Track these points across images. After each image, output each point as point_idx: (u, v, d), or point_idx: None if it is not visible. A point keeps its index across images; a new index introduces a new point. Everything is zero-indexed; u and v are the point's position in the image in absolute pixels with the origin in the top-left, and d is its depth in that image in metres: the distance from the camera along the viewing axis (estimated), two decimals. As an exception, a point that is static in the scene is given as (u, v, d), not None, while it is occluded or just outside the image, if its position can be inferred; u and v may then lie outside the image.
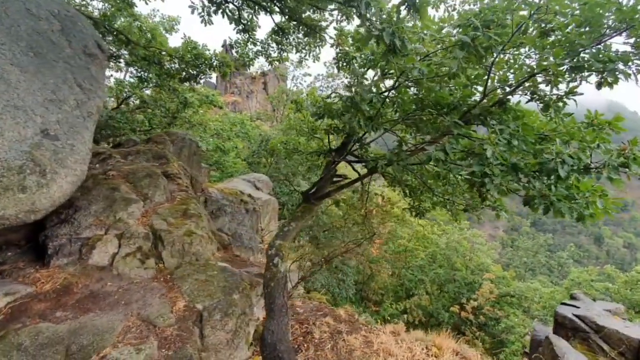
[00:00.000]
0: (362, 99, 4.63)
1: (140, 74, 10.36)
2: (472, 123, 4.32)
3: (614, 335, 6.21)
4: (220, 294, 3.98)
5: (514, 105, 4.53)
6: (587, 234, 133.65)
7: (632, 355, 5.95)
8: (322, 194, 5.34)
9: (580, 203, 3.27)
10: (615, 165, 3.29)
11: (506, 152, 3.49)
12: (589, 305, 7.38)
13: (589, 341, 6.38)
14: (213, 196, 8.42)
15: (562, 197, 3.26)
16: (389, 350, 4.30)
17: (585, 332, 6.50)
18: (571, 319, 6.77)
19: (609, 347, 6.17)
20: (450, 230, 27.88)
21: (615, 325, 6.37)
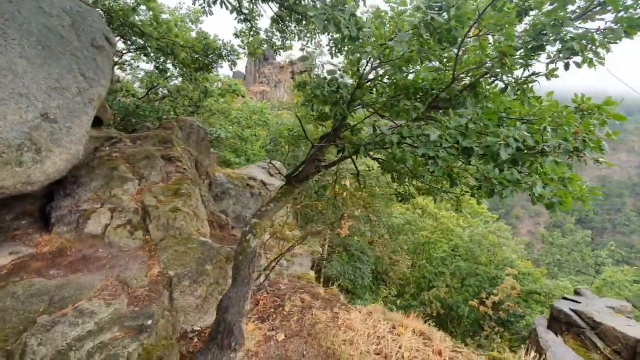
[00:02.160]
0: (339, 85, 4.77)
1: (159, 65, 11.05)
2: (443, 107, 4.29)
3: (610, 332, 5.92)
4: (194, 264, 4.39)
5: (490, 89, 4.44)
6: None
7: (629, 354, 5.66)
8: (302, 177, 5.56)
9: (524, 187, 3.21)
10: (568, 149, 3.19)
11: (458, 135, 3.49)
12: (591, 302, 7.01)
13: (583, 337, 6.13)
14: (218, 180, 8.94)
15: (505, 180, 3.22)
16: (352, 325, 4.50)
17: (580, 328, 6.24)
18: (567, 313, 6.51)
19: (603, 345, 5.90)
20: (475, 224, 26.99)
21: (613, 323, 6.05)
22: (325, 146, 5.77)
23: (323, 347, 4.09)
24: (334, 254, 19.92)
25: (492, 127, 3.50)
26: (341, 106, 4.50)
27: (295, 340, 4.23)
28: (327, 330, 4.40)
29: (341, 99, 4.55)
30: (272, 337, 4.24)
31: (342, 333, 4.35)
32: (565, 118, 3.60)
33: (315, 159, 5.70)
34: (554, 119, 3.83)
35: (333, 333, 4.34)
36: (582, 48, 3.44)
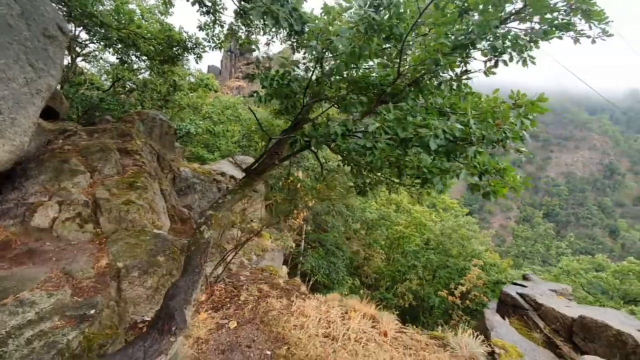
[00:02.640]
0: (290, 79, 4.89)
1: (121, 57, 10.73)
2: (389, 101, 4.50)
3: (550, 313, 6.41)
4: (144, 256, 4.39)
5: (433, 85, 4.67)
6: (602, 227, 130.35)
7: (566, 332, 6.16)
8: (260, 170, 5.65)
9: (452, 175, 3.45)
10: (491, 139, 3.45)
11: (397, 127, 3.68)
12: (536, 285, 7.55)
13: (526, 318, 6.60)
14: (183, 174, 8.86)
15: (434, 168, 3.45)
16: (305, 312, 4.67)
17: (524, 309, 6.72)
18: (513, 297, 6.98)
19: (544, 324, 6.39)
20: (446, 218, 27.90)
21: (554, 304, 6.56)
22: (285, 139, 5.88)
23: (274, 332, 4.23)
24: (310, 249, 20.12)
25: (429, 119, 3.73)
26: (292, 99, 4.62)
27: (247, 327, 4.34)
28: (279, 317, 4.54)
29: (292, 92, 4.66)
30: (224, 324, 4.33)
31: (294, 319, 4.51)
32: (496, 112, 3.87)
33: (274, 152, 5.80)
34: (490, 112, 4.10)
35: (285, 319, 4.49)
36: (504, 47, 3.72)
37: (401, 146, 3.61)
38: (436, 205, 34.51)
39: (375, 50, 4.61)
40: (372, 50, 4.40)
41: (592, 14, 3.70)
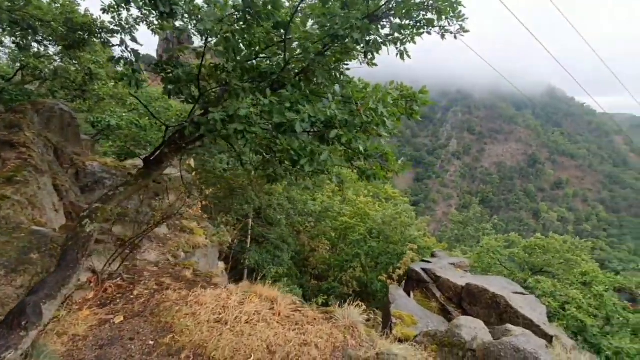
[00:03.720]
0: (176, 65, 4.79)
1: (17, 41, 9.55)
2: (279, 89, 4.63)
3: (446, 283, 7.14)
4: (14, 254, 4.05)
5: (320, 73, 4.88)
6: (527, 210, 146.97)
7: (456, 299, 6.92)
8: (159, 160, 5.47)
9: (318, 158, 3.65)
10: (355, 124, 3.73)
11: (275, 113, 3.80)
12: (440, 261, 8.37)
13: (426, 289, 7.29)
14: (88, 169, 8.23)
15: (301, 151, 3.65)
16: (202, 301, 4.67)
17: (426, 282, 7.41)
18: (417, 272, 7.66)
19: (440, 294, 7.10)
20: (387, 207, 29.21)
21: (449, 276, 7.32)
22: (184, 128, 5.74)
23: (162, 323, 4.17)
24: (258, 244, 19.93)
25: (300, 105, 3.91)
26: (177, 86, 4.54)
27: (135, 320, 4.22)
28: (172, 308, 4.49)
29: (177, 78, 4.59)
30: (109, 320, 4.17)
31: (187, 308, 4.49)
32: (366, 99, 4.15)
33: (173, 141, 5.65)
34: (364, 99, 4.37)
35: (177, 309, 4.45)
36: (377, 41, 4.02)
37: (276, 130, 3.75)
38: (379, 196, 36.00)
39: (263, 39, 4.70)
40: (257, 38, 4.49)
41: (443, 11, 4.14)
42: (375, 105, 3.72)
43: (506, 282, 7.34)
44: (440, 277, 7.23)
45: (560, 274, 17.38)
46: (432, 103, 5.51)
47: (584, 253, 18.72)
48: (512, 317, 5.81)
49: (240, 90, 4.13)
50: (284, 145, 3.54)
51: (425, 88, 5.37)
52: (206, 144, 6.17)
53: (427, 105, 5.62)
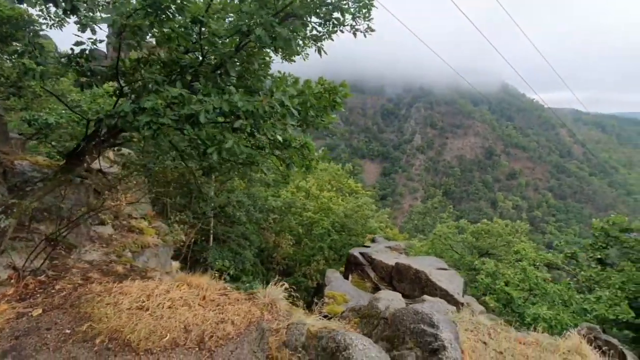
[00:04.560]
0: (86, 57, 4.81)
1: None
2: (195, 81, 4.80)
3: (379, 264, 7.69)
4: None
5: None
6: (486, 199, 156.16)
7: (388, 278, 7.48)
8: (78, 155, 5.45)
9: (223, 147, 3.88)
10: (260, 114, 4.01)
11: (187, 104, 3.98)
12: (378, 245, 8.96)
13: (362, 272, 7.80)
14: (17, 168, 7.86)
15: (207, 140, 3.88)
16: (126, 290, 4.76)
17: (362, 265, 7.92)
18: (355, 256, 8.16)
19: (374, 274, 7.63)
20: (349, 200, 29.85)
21: (383, 258, 7.87)
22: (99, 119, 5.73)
23: (81, 313, 4.24)
24: (217, 242, 19.70)
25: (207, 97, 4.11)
26: (90, 79, 4.58)
27: (54, 312, 4.25)
28: (93, 299, 4.55)
29: (91, 71, 4.62)
30: (27, 313, 4.17)
31: (109, 298, 4.57)
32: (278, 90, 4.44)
33: (95, 136, 5.63)
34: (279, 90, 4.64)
35: (98, 299, 4.52)
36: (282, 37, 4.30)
37: (186, 121, 3.94)
38: (343, 190, 36.71)
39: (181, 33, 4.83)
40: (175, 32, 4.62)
41: (346, 10, 4.54)
42: (280, 97, 4.01)
43: (435, 260, 8.04)
44: (375, 259, 7.77)
45: (502, 254, 18.97)
46: (351, 95, 5.93)
47: (523, 235, 20.52)
48: (431, 289, 6.43)
49: (153, 83, 4.27)
50: (191, 136, 3.75)
51: (344, 82, 5.78)
52: (127, 138, 6.17)
53: (348, 97, 6.04)
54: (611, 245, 12.69)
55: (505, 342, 4.66)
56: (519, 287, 11.34)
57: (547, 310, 9.48)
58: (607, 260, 12.48)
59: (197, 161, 6.48)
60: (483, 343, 4.66)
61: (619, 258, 12.73)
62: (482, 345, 4.62)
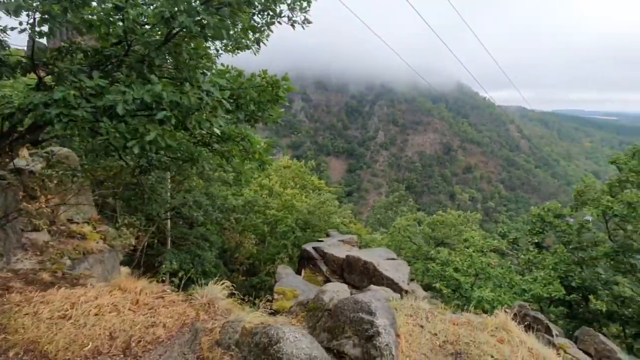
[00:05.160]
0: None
1: None
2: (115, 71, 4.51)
3: (331, 258, 7.77)
4: None
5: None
6: (445, 193, 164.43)
7: (339, 271, 7.58)
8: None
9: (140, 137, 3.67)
10: (187, 105, 3.84)
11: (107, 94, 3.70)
12: (331, 239, 9.07)
13: (314, 266, 7.84)
14: None
15: (126, 133, 3.65)
16: (49, 299, 4.39)
17: (315, 260, 7.97)
18: (309, 251, 8.19)
19: (326, 268, 7.70)
20: (312, 197, 29.96)
21: (335, 251, 7.97)
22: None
23: (-8, 325, 3.83)
24: (175, 245, 18.86)
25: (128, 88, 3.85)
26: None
27: (-41, 327, 3.80)
28: (11, 309, 4.14)
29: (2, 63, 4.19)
30: None
31: (29, 308, 4.18)
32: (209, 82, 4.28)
33: (12, 133, 5.11)
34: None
35: (16, 310, 4.12)
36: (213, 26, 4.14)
37: (104, 114, 3.67)
38: (307, 187, 36.74)
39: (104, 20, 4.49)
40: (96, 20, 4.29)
41: (278, 1, 4.49)
42: (208, 88, 3.87)
43: (384, 251, 8.29)
44: (327, 253, 7.84)
45: (456, 243, 20.06)
46: (294, 89, 5.90)
47: (474, 224, 21.86)
48: (379, 279, 6.62)
49: (68, 73, 3.93)
50: (108, 129, 3.50)
51: (286, 75, 5.72)
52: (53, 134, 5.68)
53: (292, 91, 5.99)
54: (547, 230, 13.89)
55: (441, 324, 4.90)
56: (467, 273, 12.05)
57: (489, 293, 10.16)
58: (543, 244, 13.65)
59: (135, 158, 6.11)
60: (420, 326, 4.87)
61: (553, 241, 13.99)
62: (419, 328, 4.83)
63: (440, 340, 4.57)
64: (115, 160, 9.06)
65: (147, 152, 3.85)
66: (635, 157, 11.95)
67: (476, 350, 4.37)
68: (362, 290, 6.16)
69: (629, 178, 11.67)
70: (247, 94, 5.24)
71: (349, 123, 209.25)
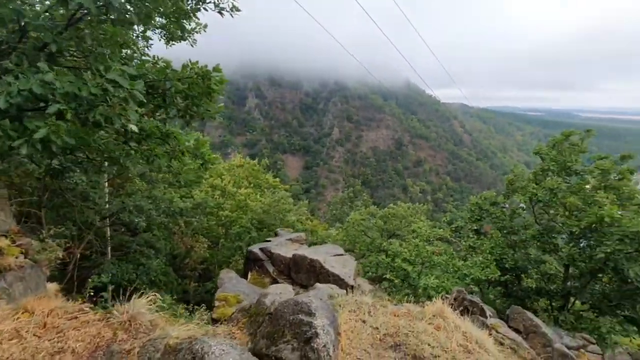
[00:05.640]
0: None
1: None
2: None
3: (278, 258, 7.54)
4: None
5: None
6: (398, 186, 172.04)
7: (287, 270, 7.39)
8: None
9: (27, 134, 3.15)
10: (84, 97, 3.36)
11: None
12: (279, 239, 8.86)
13: (262, 267, 7.57)
14: None
15: (11, 131, 3.12)
16: None
17: (262, 261, 7.69)
18: (255, 252, 7.89)
19: (273, 268, 7.46)
20: (266, 196, 29.39)
21: (282, 251, 7.76)
22: None
23: None
24: (120, 255, 17.27)
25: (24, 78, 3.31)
26: None
27: None
28: None
29: None
30: None
31: None
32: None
33: None
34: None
35: None
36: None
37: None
38: (261, 186, 35.97)
39: None
40: None
41: (200, -13, 4.14)
42: (113, 77, 3.41)
43: (332, 248, 8.27)
44: (274, 253, 7.61)
45: (406, 234, 20.93)
46: (226, 81, 5.54)
47: (422, 215, 22.99)
48: (325, 276, 6.56)
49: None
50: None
51: (218, 66, 5.34)
52: None
53: (225, 83, 5.62)
54: (484, 217, 14.98)
55: (382, 317, 4.94)
56: (414, 262, 12.56)
57: (433, 280, 10.67)
58: (481, 230, 14.70)
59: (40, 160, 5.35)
60: (362, 321, 4.86)
61: (492, 228, 15.13)
62: (362, 323, 4.82)
63: (381, 333, 4.60)
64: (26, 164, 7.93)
65: (41, 153, 3.30)
66: (554, 148, 13.31)
67: (414, 340, 4.46)
68: (309, 289, 6.04)
69: (550, 167, 12.96)
70: (174, 86, 4.81)
71: (304, 120, 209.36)
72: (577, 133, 13.16)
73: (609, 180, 12.14)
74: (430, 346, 4.37)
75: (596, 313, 11.60)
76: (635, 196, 11.63)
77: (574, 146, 12.92)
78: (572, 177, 12.91)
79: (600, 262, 10.23)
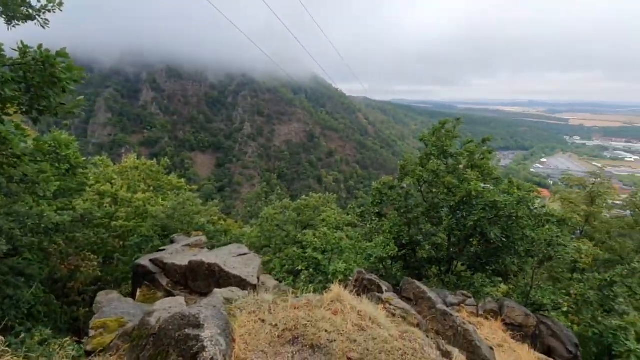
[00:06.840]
0: None
1: None
2: None
3: (172, 268, 6.80)
4: None
5: None
6: (313, 177, 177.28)
7: (183, 280, 6.71)
8: None
9: None
10: None
11: None
12: (174, 245, 8.06)
13: (154, 281, 6.74)
14: None
15: None
16: None
17: (153, 274, 6.84)
18: (144, 265, 6.97)
19: (167, 280, 6.70)
20: (170, 198, 26.85)
21: (176, 260, 7.02)
22: None
23: None
24: None
25: None
26: None
27: None
28: None
29: None
30: None
31: None
32: None
33: None
34: None
35: None
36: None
37: None
38: (163, 188, 32.61)
39: None
40: None
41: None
42: None
43: (236, 247, 7.87)
44: (167, 263, 6.84)
45: (318, 224, 21.63)
46: (79, 69, 4.61)
47: (333, 203, 24.05)
48: (226, 279, 6.18)
49: None
50: None
51: (64, 50, 4.40)
52: None
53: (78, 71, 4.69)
54: (384, 200, 16.39)
55: (282, 312, 4.86)
56: (325, 250, 13.00)
57: (341, 264, 11.21)
58: (382, 212, 16.07)
59: None
60: (262, 321, 4.70)
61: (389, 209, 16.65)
62: (261, 323, 4.65)
63: (279, 330, 4.51)
64: None
65: None
66: (434, 135, 15.30)
67: (312, 329, 4.49)
68: (208, 296, 5.59)
69: (432, 152, 14.87)
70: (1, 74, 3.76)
71: (212, 115, 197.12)
72: (450, 121, 15.35)
73: (475, 160, 14.55)
74: (327, 332, 4.47)
75: (472, 271, 13.89)
76: (492, 172, 14.22)
77: (449, 132, 15.05)
78: (449, 159, 15.05)
79: (471, 228, 12.23)
